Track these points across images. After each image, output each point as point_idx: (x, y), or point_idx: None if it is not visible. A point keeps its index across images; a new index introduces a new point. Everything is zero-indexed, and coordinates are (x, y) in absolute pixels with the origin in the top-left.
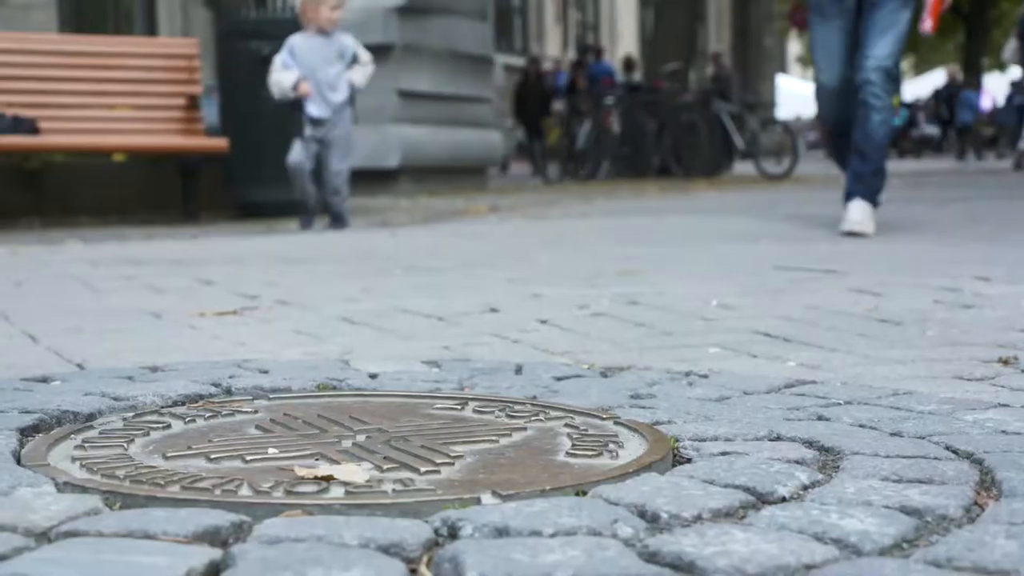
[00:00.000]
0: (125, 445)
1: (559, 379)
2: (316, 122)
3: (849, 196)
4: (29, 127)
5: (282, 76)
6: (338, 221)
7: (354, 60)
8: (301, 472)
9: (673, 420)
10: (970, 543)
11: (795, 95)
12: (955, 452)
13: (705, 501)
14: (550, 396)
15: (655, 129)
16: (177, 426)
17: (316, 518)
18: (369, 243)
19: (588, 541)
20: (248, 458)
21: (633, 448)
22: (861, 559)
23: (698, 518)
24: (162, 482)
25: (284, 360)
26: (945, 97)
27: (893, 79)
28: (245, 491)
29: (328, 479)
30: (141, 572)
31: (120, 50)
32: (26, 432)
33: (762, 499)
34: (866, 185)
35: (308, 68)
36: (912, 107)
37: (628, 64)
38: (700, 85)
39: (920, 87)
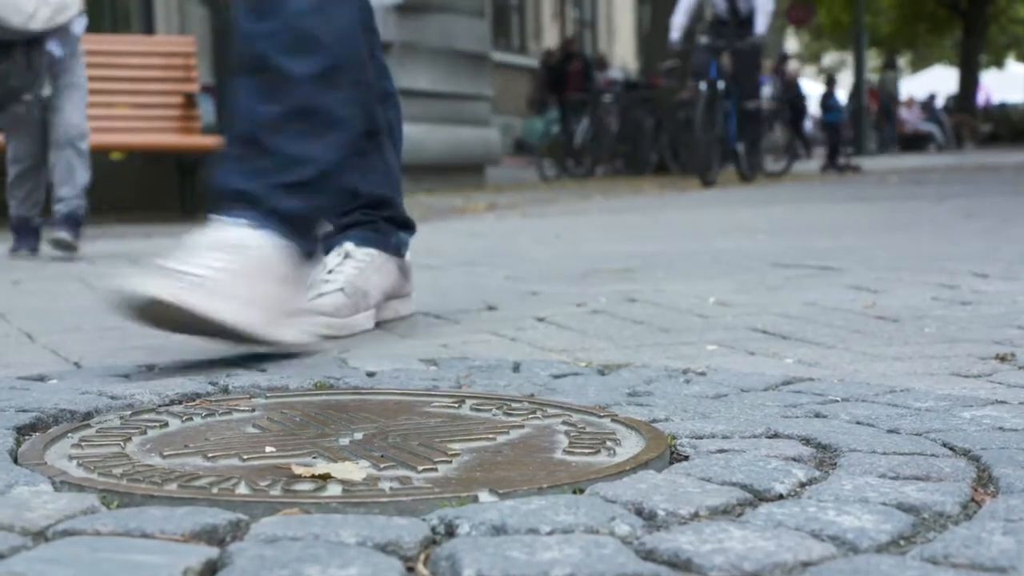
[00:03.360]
0: (122, 443)
1: (556, 377)
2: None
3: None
4: None
5: None
6: (73, 227)
7: None
8: (298, 470)
9: (670, 417)
10: (967, 540)
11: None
12: (952, 449)
13: (702, 499)
14: (547, 394)
15: (653, 126)
16: (174, 424)
17: (313, 516)
18: None
19: (585, 539)
20: (245, 456)
21: (630, 446)
22: (858, 556)
23: (695, 515)
24: (159, 481)
25: (281, 358)
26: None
27: None
28: (242, 489)
29: (325, 477)
30: (138, 571)
31: (118, 48)
32: (23, 431)
33: (759, 496)
34: (260, 178)
35: None
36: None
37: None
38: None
39: (917, 84)
